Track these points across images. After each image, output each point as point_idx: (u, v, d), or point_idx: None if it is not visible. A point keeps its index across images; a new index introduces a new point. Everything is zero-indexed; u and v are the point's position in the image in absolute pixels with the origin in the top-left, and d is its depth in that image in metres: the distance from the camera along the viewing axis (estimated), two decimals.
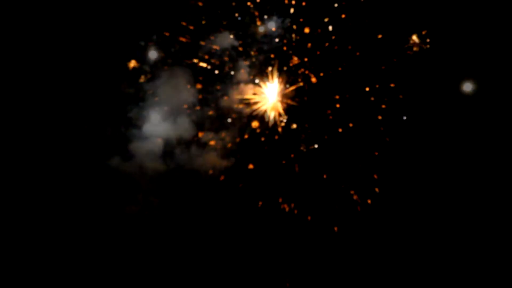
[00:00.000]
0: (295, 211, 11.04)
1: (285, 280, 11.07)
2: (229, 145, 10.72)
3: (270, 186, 10.98)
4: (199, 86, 10.59)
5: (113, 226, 10.51)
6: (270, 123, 10.88)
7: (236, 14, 10.40)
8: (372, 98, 11.10)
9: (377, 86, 11.00)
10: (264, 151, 10.95)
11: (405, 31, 10.90)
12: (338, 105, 11.12)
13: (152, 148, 10.48)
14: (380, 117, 11.11)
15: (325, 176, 11.14)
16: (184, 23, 10.36)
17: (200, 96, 10.65)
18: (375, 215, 11.23)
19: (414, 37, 10.84)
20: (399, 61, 11.03)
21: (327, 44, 10.80)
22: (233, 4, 10.40)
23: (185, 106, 10.55)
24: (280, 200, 10.99)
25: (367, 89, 11.00)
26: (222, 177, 10.79)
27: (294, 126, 10.94)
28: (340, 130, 11.07)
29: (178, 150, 10.58)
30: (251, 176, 10.88)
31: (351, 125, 11.08)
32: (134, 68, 10.18)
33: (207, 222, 10.88)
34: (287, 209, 11.04)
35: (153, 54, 10.26)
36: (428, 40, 10.86)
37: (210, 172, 10.65)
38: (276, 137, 10.97)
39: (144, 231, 10.63)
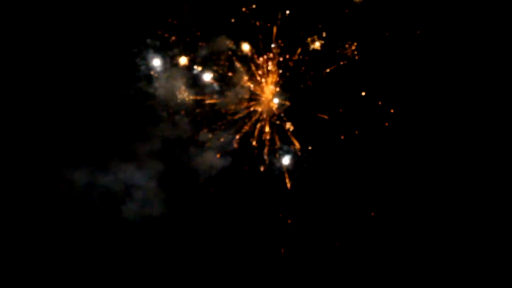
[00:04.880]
0: (293, 227, 10.96)
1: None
2: (220, 149, 10.86)
3: (265, 188, 11.07)
4: (196, 87, 10.77)
5: (112, 225, 10.62)
6: (266, 124, 10.97)
7: (233, 20, 10.56)
8: (380, 103, 10.87)
9: (367, 92, 10.89)
10: (260, 152, 11.04)
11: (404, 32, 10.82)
12: (341, 110, 11.07)
13: (150, 148, 10.71)
14: (387, 124, 10.89)
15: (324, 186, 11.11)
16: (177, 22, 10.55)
17: (198, 98, 10.85)
18: (378, 226, 11.04)
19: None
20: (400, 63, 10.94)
21: (320, 49, 10.82)
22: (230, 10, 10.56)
23: (183, 107, 10.75)
24: (280, 214, 10.99)
25: (363, 93, 10.92)
26: (219, 180, 10.87)
27: (292, 128, 10.98)
28: (342, 137, 10.93)
29: (176, 150, 10.79)
30: (247, 177, 11.00)
31: (356, 132, 10.97)
32: (133, 69, 10.43)
33: (205, 222, 10.99)
34: (287, 221, 11.08)
35: (151, 57, 10.53)
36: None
37: (208, 172, 10.78)
38: (271, 145, 11.04)
39: (143, 230, 10.83)
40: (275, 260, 11.09)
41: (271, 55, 10.73)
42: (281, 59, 10.76)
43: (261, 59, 10.76)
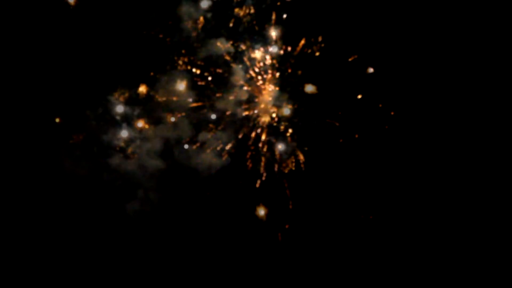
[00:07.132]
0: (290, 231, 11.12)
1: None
2: (218, 150, 10.96)
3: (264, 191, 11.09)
4: (195, 89, 10.89)
5: (114, 223, 10.84)
6: (264, 126, 11.02)
7: (231, 24, 10.61)
8: (380, 105, 10.78)
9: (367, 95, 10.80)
10: (257, 153, 11.11)
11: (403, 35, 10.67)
12: (340, 112, 11.00)
13: (151, 148, 10.90)
14: (387, 127, 10.81)
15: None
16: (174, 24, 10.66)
17: (197, 99, 10.89)
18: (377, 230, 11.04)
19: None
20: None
21: (318, 53, 10.81)
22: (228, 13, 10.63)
23: (183, 108, 10.89)
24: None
25: (363, 96, 10.84)
26: (217, 181, 11.03)
27: (290, 130, 11.00)
28: (341, 140, 10.88)
29: (176, 150, 10.96)
30: (245, 177, 11.10)
31: (356, 136, 10.92)
32: (133, 71, 10.60)
33: (204, 220, 11.14)
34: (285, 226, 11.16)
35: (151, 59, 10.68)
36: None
37: (206, 172, 10.91)
38: (269, 149, 11.13)
39: (144, 228, 10.98)
40: (274, 261, 11.15)
41: (269, 57, 10.76)
42: (281, 52, 10.74)
43: (258, 54, 10.78)
